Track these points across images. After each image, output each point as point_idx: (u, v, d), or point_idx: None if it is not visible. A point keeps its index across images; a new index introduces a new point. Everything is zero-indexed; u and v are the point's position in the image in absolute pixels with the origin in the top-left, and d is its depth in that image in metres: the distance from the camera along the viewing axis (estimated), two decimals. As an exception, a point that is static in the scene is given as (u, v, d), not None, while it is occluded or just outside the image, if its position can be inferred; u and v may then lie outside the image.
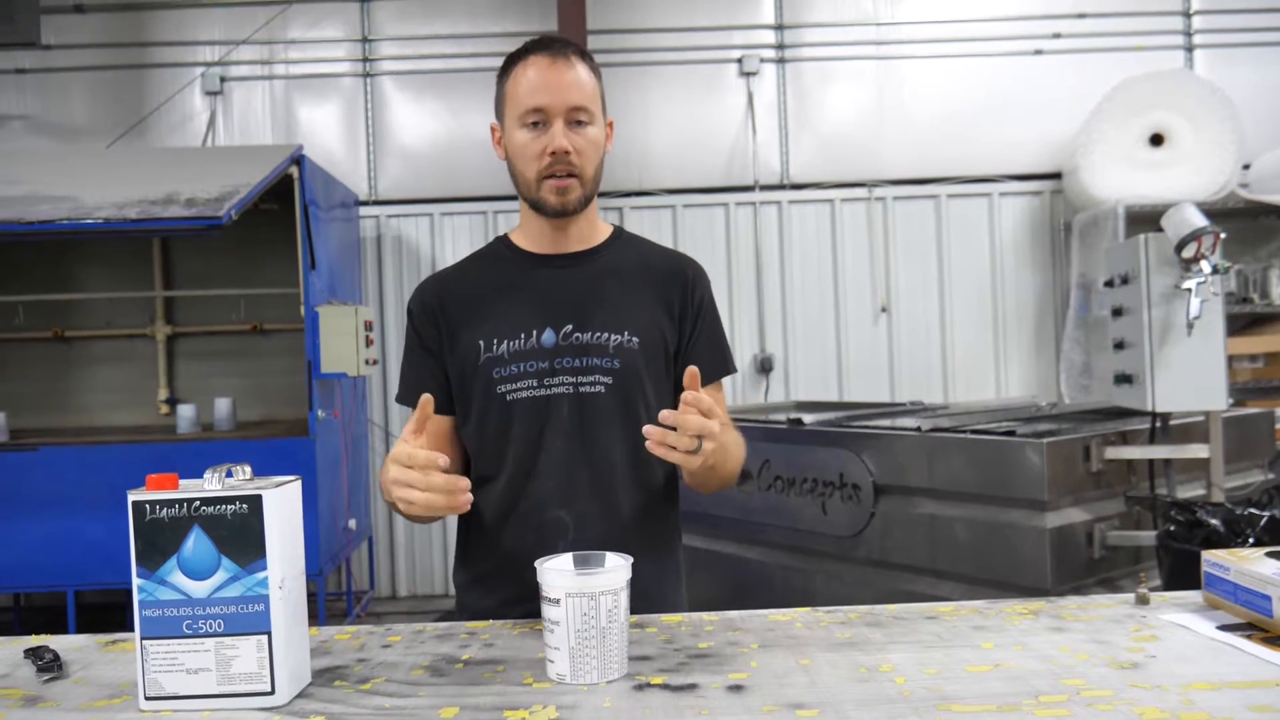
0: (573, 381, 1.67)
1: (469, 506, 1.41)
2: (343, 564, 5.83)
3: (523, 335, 1.68)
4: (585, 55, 1.70)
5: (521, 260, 1.76)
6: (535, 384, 1.67)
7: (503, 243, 1.81)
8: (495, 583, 1.71)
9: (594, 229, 1.78)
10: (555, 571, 1.26)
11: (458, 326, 1.72)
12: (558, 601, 1.23)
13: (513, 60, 1.71)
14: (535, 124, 1.64)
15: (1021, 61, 6.58)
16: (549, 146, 1.63)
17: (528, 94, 1.65)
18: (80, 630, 4.96)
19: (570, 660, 1.23)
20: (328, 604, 5.87)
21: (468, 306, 1.73)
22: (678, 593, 1.80)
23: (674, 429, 1.37)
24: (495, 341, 1.69)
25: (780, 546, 4.15)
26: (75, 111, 6.58)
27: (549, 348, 1.68)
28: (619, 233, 1.84)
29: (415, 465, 1.38)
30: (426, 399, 1.44)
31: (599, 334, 1.69)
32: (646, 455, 1.69)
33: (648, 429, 1.38)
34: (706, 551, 4.35)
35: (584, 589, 1.23)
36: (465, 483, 1.39)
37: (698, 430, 1.37)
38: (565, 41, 1.70)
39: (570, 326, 1.68)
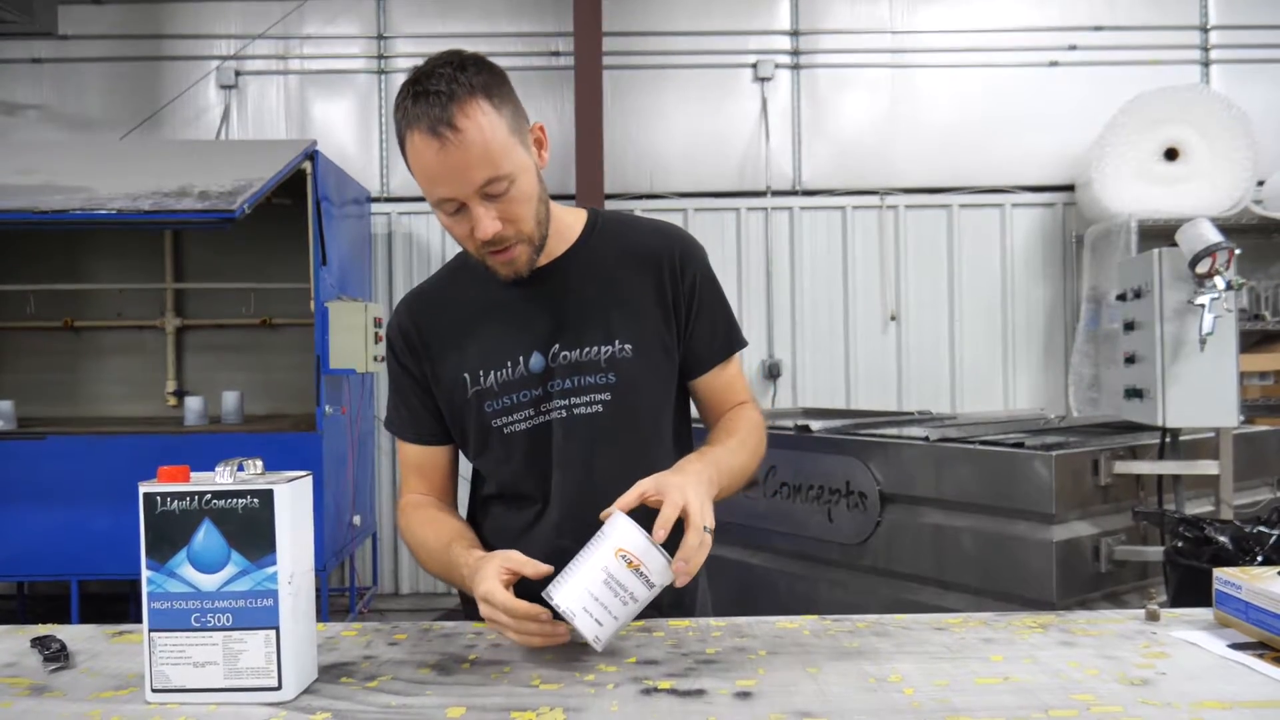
0: (566, 404, 1.58)
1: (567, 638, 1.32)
2: (346, 560, 5.83)
3: (510, 364, 1.58)
4: (474, 95, 1.39)
5: (496, 279, 1.58)
6: (532, 413, 1.59)
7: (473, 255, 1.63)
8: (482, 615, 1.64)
9: (562, 233, 1.63)
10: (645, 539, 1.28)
11: (439, 357, 1.63)
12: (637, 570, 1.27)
13: (400, 122, 1.42)
14: (452, 209, 1.45)
15: (1036, 73, 6.57)
16: (476, 234, 1.45)
17: (430, 184, 1.43)
18: (83, 620, 4.97)
19: (594, 601, 1.25)
20: (330, 599, 5.88)
21: (447, 336, 1.63)
22: (693, 599, 1.73)
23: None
24: (482, 374, 1.59)
25: (785, 553, 4.14)
26: (90, 102, 6.60)
27: (539, 373, 1.58)
28: (594, 222, 1.68)
29: (514, 616, 1.29)
30: (543, 613, 1.29)
31: (589, 349, 1.58)
32: (653, 465, 1.58)
33: (677, 569, 1.31)
34: (710, 557, 4.33)
35: (655, 566, 1.27)
36: (563, 629, 1.30)
37: (696, 545, 1.33)
38: (442, 95, 1.37)
39: (558, 346, 1.58)
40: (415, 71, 1.43)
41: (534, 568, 1.35)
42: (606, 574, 1.27)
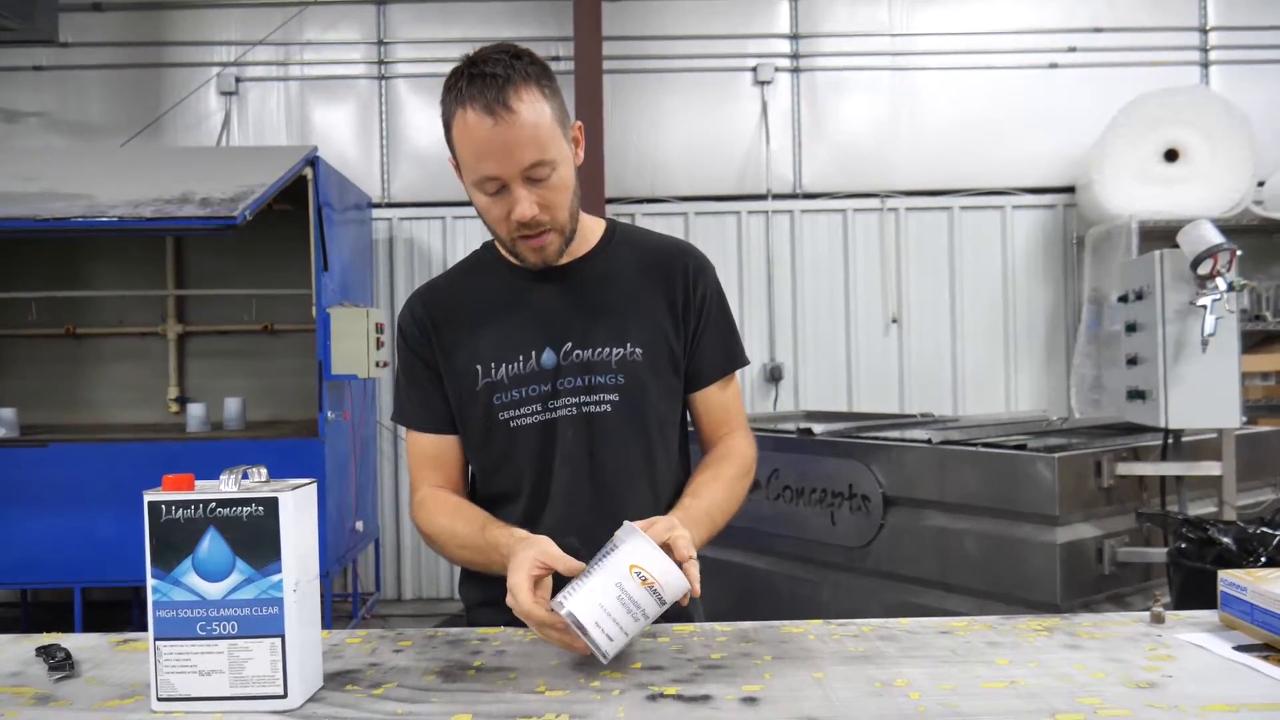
0: (576, 402, 1.60)
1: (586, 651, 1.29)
2: (349, 565, 5.83)
3: (521, 358, 1.61)
4: (529, 82, 1.46)
5: (512, 274, 1.65)
6: (539, 408, 1.61)
7: (491, 252, 1.70)
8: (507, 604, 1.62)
9: (583, 236, 1.67)
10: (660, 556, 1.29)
11: (451, 347, 1.64)
12: (647, 581, 1.26)
13: (451, 102, 1.49)
14: (493, 189, 1.50)
15: (1037, 75, 6.57)
16: (514, 215, 1.49)
17: (476, 160, 1.47)
18: (86, 627, 4.97)
19: (606, 616, 1.24)
20: (333, 605, 5.88)
21: (461, 326, 1.65)
22: (693, 604, 1.75)
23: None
24: (493, 365, 1.61)
25: (788, 556, 4.14)
26: (91, 109, 6.61)
27: (550, 369, 1.60)
28: (612, 230, 1.73)
29: (530, 620, 1.30)
30: (558, 623, 1.27)
31: (601, 350, 1.61)
32: (657, 471, 1.66)
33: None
34: (713, 560, 4.33)
35: (669, 581, 1.27)
36: (579, 642, 1.27)
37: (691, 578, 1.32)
38: (499, 78, 1.44)
39: (570, 344, 1.61)
40: (468, 58, 1.49)
41: (566, 564, 1.34)
42: (620, 590, 1.26)
